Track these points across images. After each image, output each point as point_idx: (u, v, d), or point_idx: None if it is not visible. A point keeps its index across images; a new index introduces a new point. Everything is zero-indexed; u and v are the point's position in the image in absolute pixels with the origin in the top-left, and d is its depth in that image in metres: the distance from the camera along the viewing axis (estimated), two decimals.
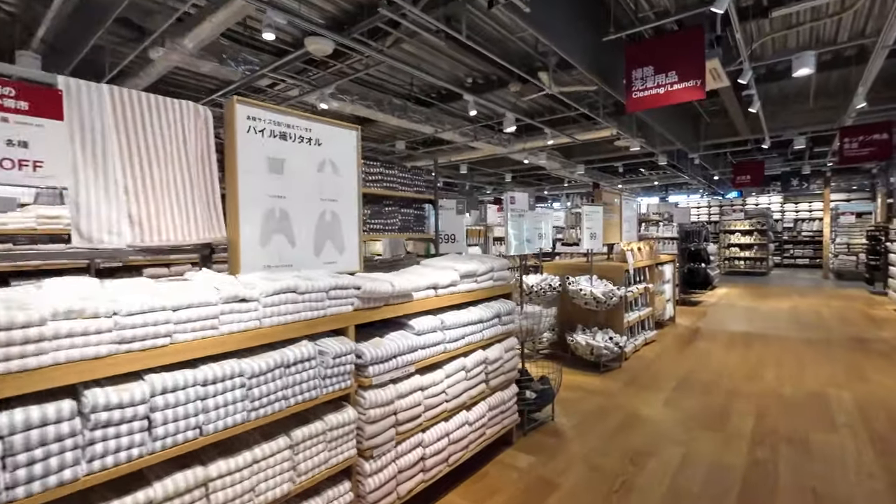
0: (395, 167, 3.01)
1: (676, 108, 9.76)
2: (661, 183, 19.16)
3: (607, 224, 5.69)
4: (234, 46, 5.75)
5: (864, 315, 7.79)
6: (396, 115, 8.43)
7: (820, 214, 18.16)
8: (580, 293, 4.78)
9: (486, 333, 2.71)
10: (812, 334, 6.38)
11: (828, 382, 4.35)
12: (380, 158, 2.91)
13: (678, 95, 4.09)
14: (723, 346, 5.78)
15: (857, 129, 7.78)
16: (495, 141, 10.90)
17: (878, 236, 10.27)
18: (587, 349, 4.73)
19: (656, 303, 6.34)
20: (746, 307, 8.80)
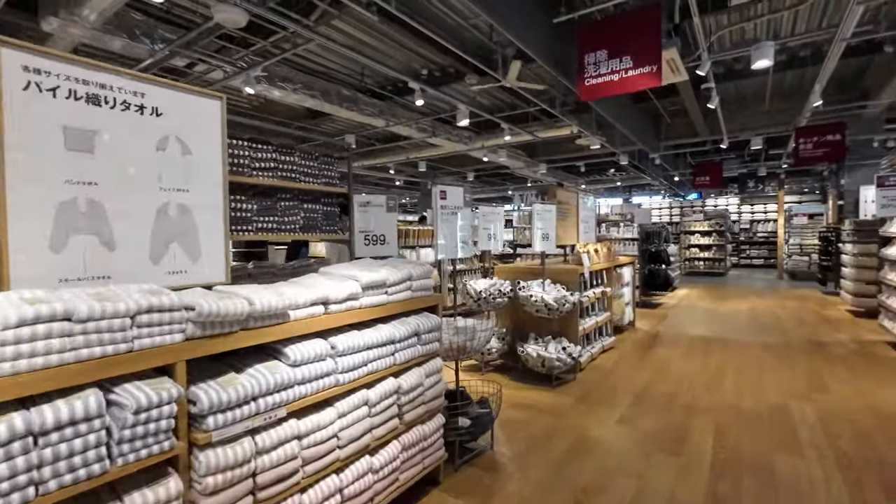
0: (295, 153, 2.47)
1: (637, 106, 9.59)
2: (624, 184, 19.25)
3: (562, 224, 5.31)
4: (149, 21, 5.05)
5: (818, 316, 7.76)
6: (346, 107, 7.84)
7: (774, 216, 18.67)
8: (531, 300, 4.36)
9: (399, 357, 2.21)
10: (770, 338, 6.22)
11: (789, 393, 4.09)
12: (273, 142, 2.36)
13: (633, 82, 3.72)
14: (682, 353, 5.50)
15: (812, 130, 7.76)
16: (455, 137, 10.45)
17: (830, 237, 10.42)
18: (538, 361, 4.30)
19: (615, 307, 6.02)
20: (706, 309, 8.68)
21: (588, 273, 5.03)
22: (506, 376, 4.68)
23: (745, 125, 10.00)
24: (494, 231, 4.93)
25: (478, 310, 4.73)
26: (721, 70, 8.34)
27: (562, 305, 4.29)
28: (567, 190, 5.52)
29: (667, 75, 5.11)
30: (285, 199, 2.44)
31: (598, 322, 5.35)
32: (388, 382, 2.14)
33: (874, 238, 7.48)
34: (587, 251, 5.24)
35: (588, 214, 6.10)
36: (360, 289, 2.04)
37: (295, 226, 2.48)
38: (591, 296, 5.18)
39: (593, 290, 5.39)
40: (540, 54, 4.95)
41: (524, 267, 5.08)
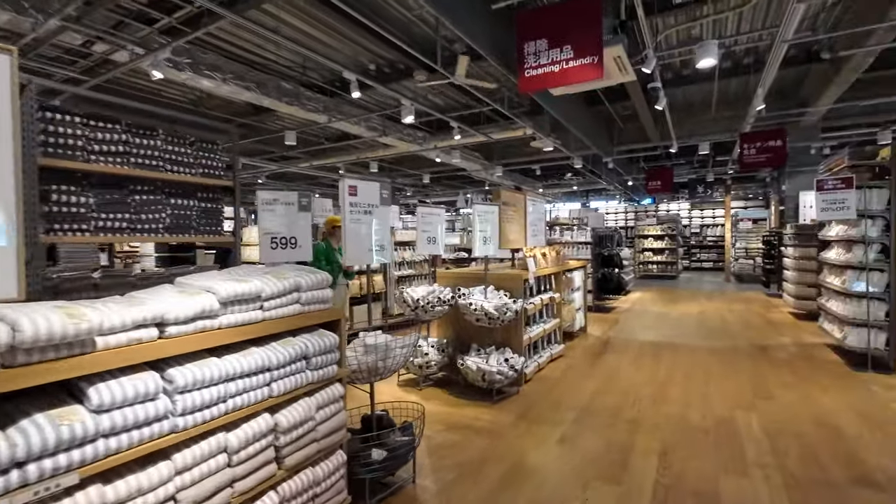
0: (158, 136, 2.00)
1: (591, 109, 9.54)
2: (581, 188, 19.47)
3: (509, 227, 5.01)
4: None
5: (763, 319, 7.87)
6: (286, 102, 7.30)
7: (722, 220, 19.38)
8: (470, 308, 4.01)
9: (278, 387, 1.78)
10: (718, 342, 6.16)
11: (735, 401, 3.93)
12: (122, 120, 1.88)
13: (574, 74, 3.46)
14: (631, 360, 5.32)
15: (755, 136, 7.89)
16: (408, 137, 10.07)
17: (773, 241, 10.75)
18: (478, 375, 3.96)
19: (564, 313, 5.79)
20: (658, 313, 8.66)
21: (534, 279, 4.74)
22: (445, 391, 4.31)
23: (693, 131, 10.18)
24: (435, 234, 4.56)
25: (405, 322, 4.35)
26: (669, 75, 8.40)
27: (503, 314, 3.97)
28: (513, 192, 5.24)
29: (614, 74, 4.93)
30: (142, 193, 1.97)
31: (545, 330, 5.09)
32: (259, 421, 1.71)
33: (814, 242, 7.66)
34: (533, 255, 4.96)
35: (537, 217, 5.86)
36: (216, 304, 1.61)
37: (158, 225, 2.01)
38: (538, 302, 4.91)
39: (540, 296, 5.12)
40: (486, 47, 4.65)
41: (467, 273, 4.75)
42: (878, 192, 4.71)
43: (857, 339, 4.81)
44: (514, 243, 5.17)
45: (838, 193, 4.81)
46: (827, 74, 7.36)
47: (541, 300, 5.03)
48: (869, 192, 4.74)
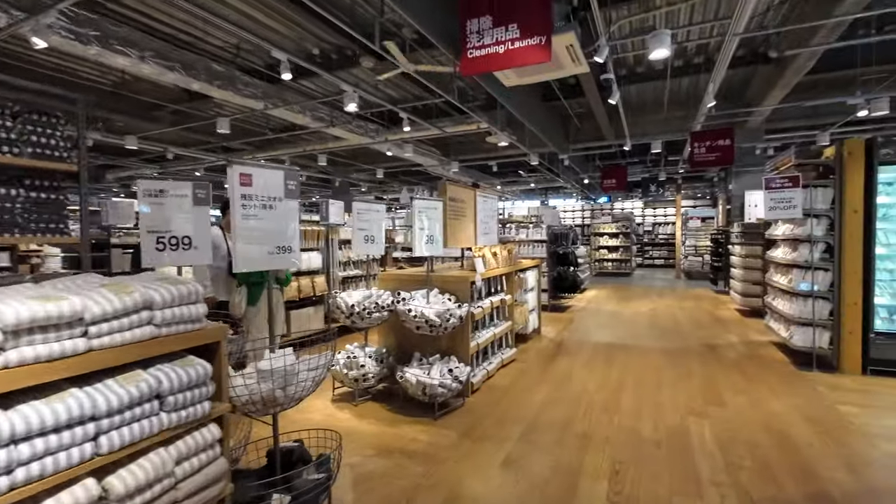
0: None
1: (547, 105, 9.37)
2: (539, 186, 19.52)
3: (457, 225, 4.66)
4: None
5: (712, 317, 7.95)
6: (218, 86, 6.62)
7: (673, 219, 19.98)
8: (409, 314, 3.62)
9: (109, 441, 1.32)
10: (669, 342, 6.09)
11: (687, 408, 3.75)
12: None
13: (521, 56, 3.13)
14: (584, 364, 5.11)
15: (705, 135, 7.95)
16: (359, 130, 9.54)
17: (720, 239, 11.02)
18: (418, 389, 3.58)
19: (517, 315, 5.51)
20: (611, 312, 8.61)
21: (482, 280, 4.41)
22: (384, 405, 3.90)
23: (647, 130, 10.25)
24: (374, 232, 4.13)
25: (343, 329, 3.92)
26: (623, 72, 8.34)
27: (446, 321, 3.60)
28: (462, 187, 4.89)
29: (567, 64, 4.67)
30: None
31: (495, 334, 4.78)
32: (76, 491, 1.25)
33: (759, 240, 7.81)
34: (482, 255, 4.64)
35: (488, 214, 5.54)
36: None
37: None
38: (487, 305, 4.58)
39: (490, 298, 4.81)
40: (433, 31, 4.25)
41: (411, 274, 4.36)
42: (822, 192, 4.70)
43: (803, 338, 4.80)
44: (463, 242, 4.82)
45: (785, 192, 4.77)
46: (771, 77, 7.48)
47: (491, 303, 4.72)
48: (814, 191, 4.73)
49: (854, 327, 4.52)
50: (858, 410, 3.68)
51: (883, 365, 4.44)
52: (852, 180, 4.49)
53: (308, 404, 3.92)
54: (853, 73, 7.79)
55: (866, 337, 4.47)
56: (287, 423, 3.36)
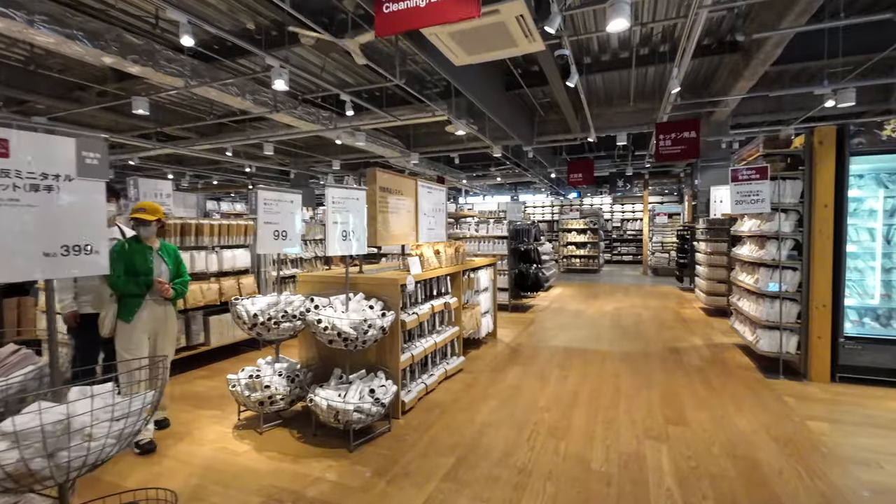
0: None
1: (510, 94, 8.86)
2: (508, 181, 19.11)
3: (392, 219, 4.07)
4: None
5: (676, 316, 7.63)
6: (132, 60, 5.79)
7: (641, 215, 19.93)
8: (319, 326, 3.01)
9: None
10: (631, 345, 5.68)
11: (645, 430, 3.29)
12: None
13: (444, 11, 2.55)
14: (537, 373, 4.61)
15: (671, 126, 7.60)
16: (309, 117, 8.81)
17: (686, 236, 10.80)
18: (330, 415, 2.98)
19: (466, 320, 4.97)
20: (574, 311, 8.20)
21: (412, 283, 3.84)
22: (295, 433, 3.29)
23: (612, 122, 9.90)
24: (287, 227, 3.50)
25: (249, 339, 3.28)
26: (588, 60, 7.91)
27: (363, 333, 3.01)
28: (399, 175, 4.29)
29: (520, 41, 4.16)
30: None
31: (437, 343, 4.22)
32: None
33: (724, 237, 7.52)
34: (419, 254, 4.06)
35: (434, 208, 4.97)
36: None
37: None
38: (427, 311, 4.01)
39: (431, 302, 4.24)
40: None
41: (334, 276, 3.74)
42: (791, 184, 4.33)
43: (769, 342, 4.44)
44: (401, 239, 4.23)
45: (752, 184, 4.38)
46: (737, 66, 7.18)
47: (432, 308, 4.15)
48: (783, 183, 4.35)
49: (823, 331, 4.17)
50: (829, 427, 3.29)
51: (852, 372, 4.11)
52: (823, 172, 4.13)
53: (201, 433, 3.27)
54: (819, 65, 7.57)
55: (836, 342, 4.13)
56: (148, 462, 2.71)
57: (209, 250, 5.03)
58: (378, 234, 3.75)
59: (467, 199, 24.64)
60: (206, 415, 3.61)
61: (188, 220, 4.88)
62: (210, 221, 5.08)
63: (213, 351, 5.04)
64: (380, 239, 3.78)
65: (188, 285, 3.22)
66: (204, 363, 4.95)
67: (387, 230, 3.91)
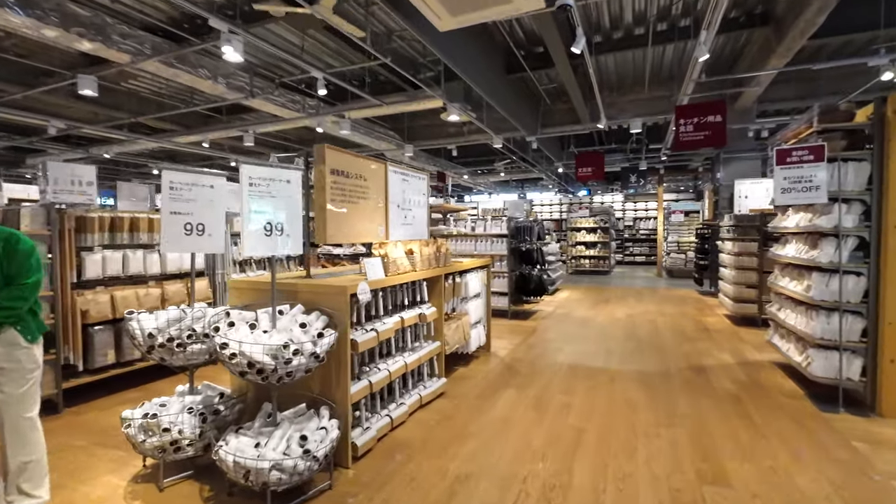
0: None
1: (510, 79, 8.01)
2: (514, 178, 18.23)
3: (351, 211, 3.26)
4: None
5: (698, 326, 6.72)
6: (78, 34, 5.09)
7: (655, 213, 18.90)
8: (224, 353, 2.21)
9: None
10: (647, 363, 4.81)
11: (672, 493, 2.43)
12: None
13: None
14: (534, 401, 3.77)
15: (693, 109, 6.69)
16: (293, 105, 8.07)
17: (706, 234, 9.85)
18: (239, 473, 2.18)
19: (450, 333, 4.15)
20: (582, 318, 7.33)
21: (366, 293, 3.03)
22: (206, 489, 2.49)
23: (625, 109, 9.01)
24: (201, 219, 2.71)
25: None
26: (598, 38, 7.06)
27: (285, 363, 2.20)
28: (365, 157, 3.48)
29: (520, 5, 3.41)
30: None
31: (407, 365, 3.40)
32: None
33: (755, 235, 6.60)
34: (383, 255, 3.24)
35: (411, 199, 4.16)
36: None
37: None
38: (392, 326, 3.20)
39: (402, 314, 3.43)
40: None
41: (279, 281, 2.94)
42: (855, 167, 3.43)
43: (825, 366, 3.54)
44: (360, 235, 3.42)
45: (805, 168, 3.49)
46: (768, 43, 6.26)
47: (400, 321, 3.34)
48: (844, 166, 3.45)
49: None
50: None
51: None
52: None
53: (87, 487, 2.50)
54: (864, 38, 6.63)
55: None
56: None
57: (148, 249, 4.27)
58: (326, 229, 2.95)
59: (472, 196, 23.79)
60: (106, 457, 2.84)
61: (121, 213, 4.12)
62: (148, 215, 4.32)
63: (154, 367, 4.28)
64: (329, 235, 2.98)
65: (26, 295, 2.10)
66: (138, 382, 4.19)
67: (340, 224, 3.10)
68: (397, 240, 3.84)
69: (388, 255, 3.23)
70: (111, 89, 8.08)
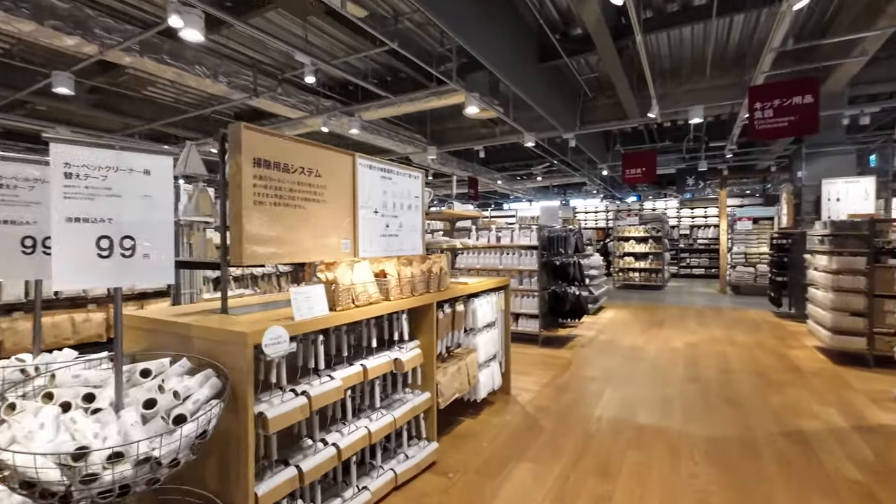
0: None
1: (543, 69, 6.92)
2: (554, 183, 16.91)
3: (291, 215, 2.34)
4: None
5: (784, 362, 5.26)
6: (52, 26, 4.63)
7: (716, 220, 16.91)
8: None
9: None
10: (722, 424, 3.53)
11: None
12: None
13: None
14: (557, 490, 2.65)
15: (773, 89, 5.31)
16: (306, 106, 7.42)
17: (785, 245, 8.21)
18: None
19: (447, 379, 3.12)
20: (630, 348, 6.04)
21: (283, 342, 2.06)
22: None
23: (681, 102, 7.64)
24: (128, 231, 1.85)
25: None
26: (648, 14, 5.89)
27: (85, 481, 1.28)
28: (308, 144, 2.56)
29: None
30: None
31: (373, 435, 2.40)
32: None
33: (863, 247, 5.10)
34: (329, 280, 2.28)
35: (398, 203, 3.20)
36: None
37: None
38: (338, 384, 2.22)
39: (363, 361, 2.44)
40: None
41: (168, 321, 2.04)
42: None
43: None
44: (312, 252, 2.48)
45: None
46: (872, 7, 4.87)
47: (360, 371, 2.36)
48: None
49: None
50: None
51: None
52: None
53: None
54: None
55: None
56: None
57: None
58: (243, 245, 2.04)
59: (511, 204, 22.60)
60: None
61: None
62: None
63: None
64: (248, 254, 2.06)
65: None
66: None
67: (271, 237, 2.19)
68: (377, 256, 2.88)
69: (336, 280, 2.26)
70: (112, 93, 7.70)
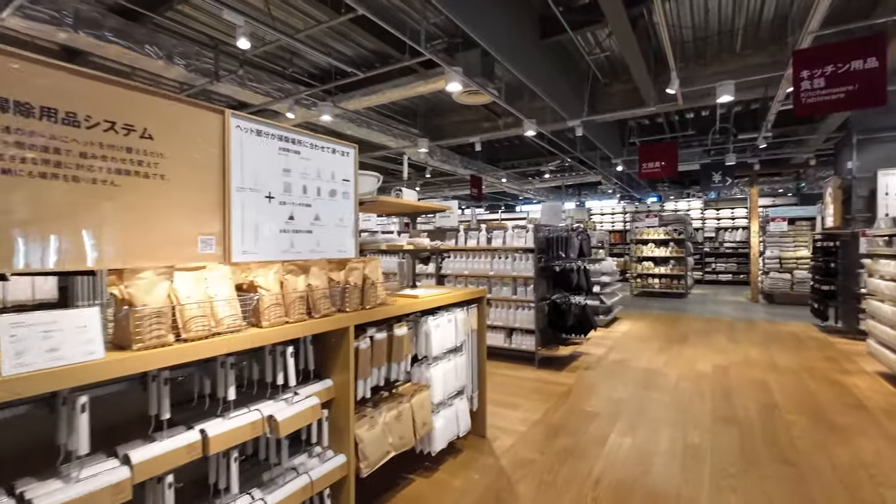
0: None
1: (545, 45, 5.97)
2: (568, 183, 15.84)
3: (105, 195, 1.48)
4: None
5: (842, 395, 4.16)
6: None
7: (744, 222, 15.57)
8: None
9: None
10: (764, 481, 2.51)
11: None
12: None
13: None
14: None
15: (825, 51, 4.25)
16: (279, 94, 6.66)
17: (832, 248, 7.03)
18: None
19: (376, 433, 2.21)
20: (645, 372, 5.00)
21: None
22: None
23: (708, 89, 6.58)
24: None
25: None
26: None
27: None
28: (138, 88, 1.70)
29: None
30: None
31: None
32: None
33: None
34: (119, 297, 1.40)
35: (313, 186, 2.31)
36: None
37: None
38: (123, 477, 1.35)
39: (207, 423, 1.56)
40: None
41: None
42: None
43: None
44: (136, 256, 1.61)
45: None
46: None
47: (200, 441, 1.48)
48: None
49: None
50: None
51: None
52: None
53: None
54: None
55: None
56: None
57: None
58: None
59: (522, 206, 21.57)
60: None
61: None
62: None
63: None
64: None
65: None
66: None
67: (35, 228, 1.33)
68: (271, 259, 2.00)
69: (132, 299, 1.38)
70: None
